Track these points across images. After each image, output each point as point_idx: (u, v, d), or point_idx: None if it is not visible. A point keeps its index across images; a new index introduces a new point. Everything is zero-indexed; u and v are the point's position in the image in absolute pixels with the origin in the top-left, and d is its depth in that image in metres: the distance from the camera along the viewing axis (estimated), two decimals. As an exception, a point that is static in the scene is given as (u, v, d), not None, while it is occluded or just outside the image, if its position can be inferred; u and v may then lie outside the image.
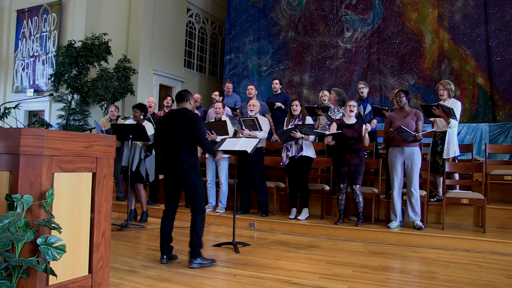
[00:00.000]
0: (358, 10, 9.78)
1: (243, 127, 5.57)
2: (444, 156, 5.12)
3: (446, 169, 5.03)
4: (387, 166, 5.26)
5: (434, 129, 5.15)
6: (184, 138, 3.67)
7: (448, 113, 4.94)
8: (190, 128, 3.66)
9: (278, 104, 6.93)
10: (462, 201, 4.87)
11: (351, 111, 5.14)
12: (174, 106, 8.23)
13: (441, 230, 4.81)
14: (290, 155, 5.44)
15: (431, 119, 5.30)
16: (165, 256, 3.74)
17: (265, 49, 10.95)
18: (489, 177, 5.51)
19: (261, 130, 5.57)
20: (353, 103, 5.19)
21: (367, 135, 5.06)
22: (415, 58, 9.04)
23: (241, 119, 5.67)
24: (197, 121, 3.71)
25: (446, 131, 5.11)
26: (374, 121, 6.32)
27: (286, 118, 5.71)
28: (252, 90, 6.90)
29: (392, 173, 4.93)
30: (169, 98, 7.20)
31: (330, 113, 5.90)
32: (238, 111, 6.95)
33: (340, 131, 5.00)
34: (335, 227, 5.05)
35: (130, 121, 5.96)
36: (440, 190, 5.34)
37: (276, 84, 7.11)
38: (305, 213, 5.48)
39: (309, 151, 5.42)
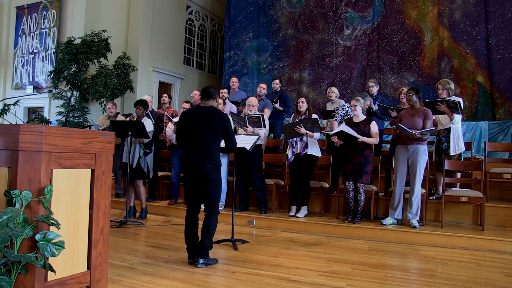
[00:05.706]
0: (358, 8, 9.75)
1: (247, 124, 5.55)
2: (451, 153, 5.09)
3: (445, 167, 5.03)
4: (388, 163, 5.25)
5: (434, 128, 5.13)
6: (213, 136, 3.60)
7: (453, 108, 4.93)
8: (222, 128, 3.63)
9: (277, 106, 6.98)
10: (461, 199, 4.88)
11: (354, 110, 5.18)
12: (173, 103, 8.25)
13: (440, 228, 4.82)
14: (295, 152, 5.44)
15: (433, 116, 5.29)
16: (191, 257, 3.67)
17: (264, 47, 10.93)
18: (488, 175, 5.51)
19: (264, 127, 5.58)
20: (353, 102, 5.24)
21: (365, 138, 5.00)
22: (415, 56, 9.02)
23: (246, 116, 5.65)
24: (229, 122, 3.72)
25: (449, 128, 5.11)
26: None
27: (293, 115, 5.74)
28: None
29: (396, 170, 4.95)
30: (165, 95, 7.19)
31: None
32: (241, 106, 6.96)
33: (341, 130, 4.99)
34: (334, 225, 5.05)
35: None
36: (440, 188, 5.33)
37: (276, 84, 7.20)
38: (304, 210, 5.48)
39: (314, 150, 5.40)
